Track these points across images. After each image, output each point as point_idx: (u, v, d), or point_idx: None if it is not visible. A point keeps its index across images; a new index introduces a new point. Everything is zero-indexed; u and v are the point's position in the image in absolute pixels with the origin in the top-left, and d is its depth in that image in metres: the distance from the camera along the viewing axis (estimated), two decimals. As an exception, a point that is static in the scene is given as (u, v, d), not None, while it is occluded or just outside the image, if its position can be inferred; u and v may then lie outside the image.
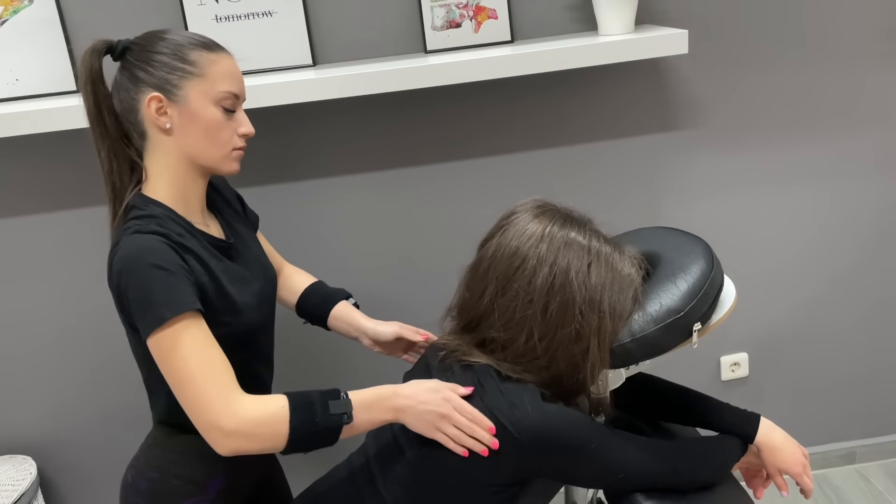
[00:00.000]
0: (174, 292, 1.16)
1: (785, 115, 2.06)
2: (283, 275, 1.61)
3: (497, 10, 1.86)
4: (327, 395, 1.18)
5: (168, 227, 1.22)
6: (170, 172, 1.27)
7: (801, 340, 2.27)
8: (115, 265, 1.19)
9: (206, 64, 1.24)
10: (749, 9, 1.96)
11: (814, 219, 2.16)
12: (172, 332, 1.15)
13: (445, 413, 1.18)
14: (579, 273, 1.20)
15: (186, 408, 1.17)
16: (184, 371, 1.15)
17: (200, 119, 1.24)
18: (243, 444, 1.15)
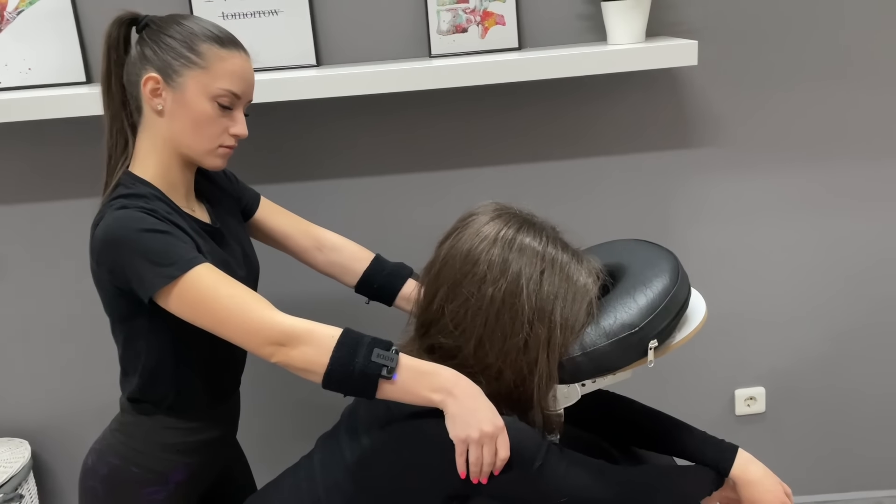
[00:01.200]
0: (177, 250, 1.17)
1: (809, 137, 1.95)
2: (328, 247, 1.56)
3: (505, 17, 1.83)
4: (377, 343, 1.14)
5: (155, 205, 1.23)
6: (156, 153, 1.28)
7: (825, 378, 2.14)
8: (100, 236, 1.19)
9: (212, 58, 1.25)
10: (771, 25, 1.87)
11: (842, 248, 2.04)
12: (191, 282, 1.15)
13: (489, 433, 1.11)
14: (531, 280, 1.14)
15: (236, 338, 1.16)
16: (221, 308, 1.15)
17: (192, 109, 1.25)
18: (295, 355, 1.13)
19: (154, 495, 1.32)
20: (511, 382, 1.17)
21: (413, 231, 1.96)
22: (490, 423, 1.11)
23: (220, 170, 1.32)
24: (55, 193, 1.92)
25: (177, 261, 1.16)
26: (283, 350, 1.14)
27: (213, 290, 1.15)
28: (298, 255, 1.57)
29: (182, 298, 1.16)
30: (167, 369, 1.30)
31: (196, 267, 1.16)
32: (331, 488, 1.20)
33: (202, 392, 1.34)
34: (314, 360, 1.13)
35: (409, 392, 1.13)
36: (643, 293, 1.18)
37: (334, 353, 1.13)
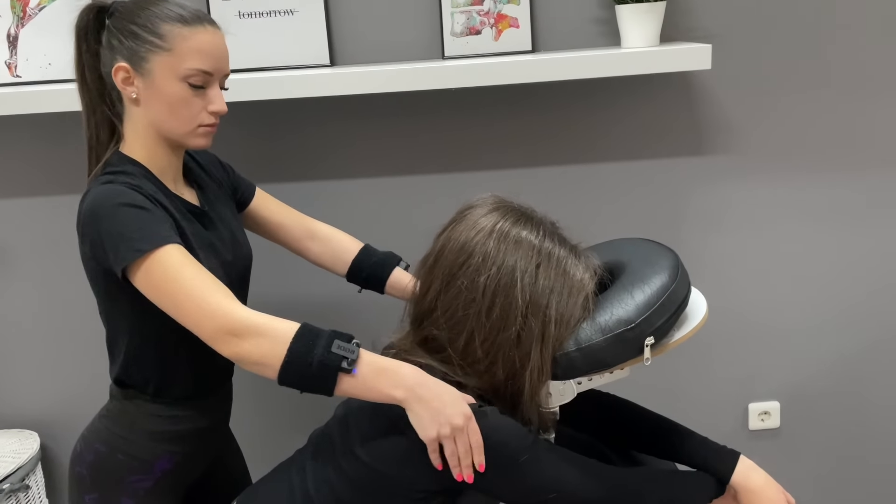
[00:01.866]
0: (151, 226, 1.17)
1: (826, 145, 1.92)
2: (320, 238, 1.59)
3: (519, 19, 1.82)
4: (337, 335, 1.11)
5: (141, 183, 1.23)
6: (141, 139, 1.29)
7: (843, 393, 2.09)
8: (84, 209, 1.20)
9: (175, 38, 1.22)
10: (787, 31, 1.85)
11: (860, 259, 2.00)
12: (158, 260, 1.14)
13: (459, 426, 1.09)
14: (526, 274, 1.13)
15: (189, 324, 1.14)
16: (179, 290, 1.13)
17: (164, 94, 1.24)
18: (247, 347, 1.10)
19: (140, 483, 1.32)
20: (503, 376, 1.15)
21: (422, 232, 1.93)
22: (459, 416, 1.09)
23: (206, 148, 1.31)
24: (71, 187, 1.94)
25: (148, 236, 1.15)
26: (236, 341, 1.11)
27: (177, 270, 1.14)
28: (291, 244, 1.58)
29: (148, 275, 1.15)
30: (150, 352, 1.30)
31: (166, 245, 1.15)
32: (320, 482, 1.19)
33: (188, 379, 1.34)
34: (270, 353, 1.10)
35: (369, 389, 1.10)
36: (641, 290, 1.17)
37: (292, 345, 1.10)
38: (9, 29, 1.82)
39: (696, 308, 1.24)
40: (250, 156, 1.91)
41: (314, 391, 1.12)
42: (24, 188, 1.94)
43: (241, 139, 1.89)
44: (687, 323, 1.20)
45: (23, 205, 1.94)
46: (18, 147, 1.91)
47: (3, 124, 1.89)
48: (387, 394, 1.10)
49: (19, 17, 1.82)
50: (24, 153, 1.91)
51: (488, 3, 1.81)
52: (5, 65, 1.84)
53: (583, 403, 1.41)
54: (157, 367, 1.31)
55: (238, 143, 1.89)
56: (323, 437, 1.26)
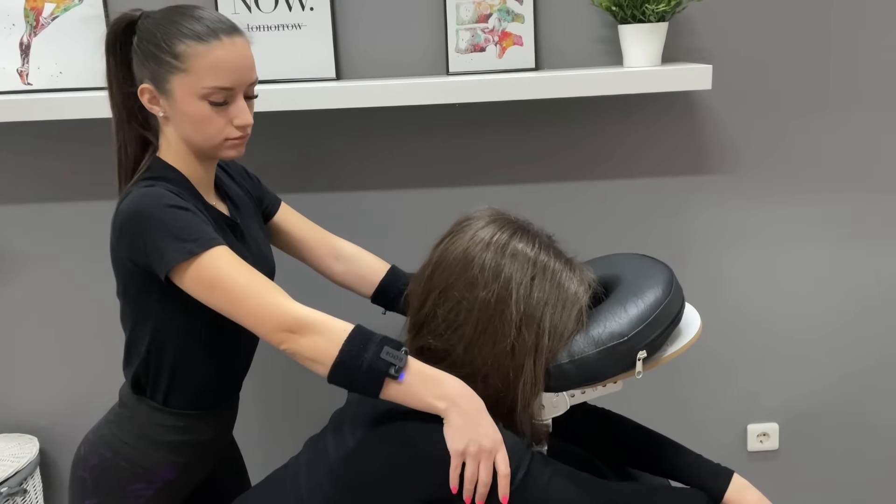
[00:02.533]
0: (200, 228, 1.19)
1: (825, 166, 1.93)
2: (345, 257, 1.58)
3: (523, 38, 1.85)
4: (388, 342, 1.14)
5: (180, 190, 1.25)
6: (174, 150, 1.31)
7: (843, 415, 2.09)
8: (124, 209, 1.20)
9: (191, 57, 1.21)
10: (789, 53, 1.87)
11: (859, 280, 2.00)
12: (210, 261, 1.16)
13: (487, 449, 1.10)
14: (521, 286, 1.14)
15: (249, 322, 1.16)
16: (237, 289, 1.16)
17: (186, 113, 1.25)
18: (304, 343, 1.13)
19: (141, 492, 1.33)
20: (497, 387, 1.16)
21: (424, 245, 1.95)
22: (489, 439, 1.10)
23: (237, 158, 1.33)
24: (78, 194, 1.96)
25: (199, 238, 1.17)
26: (293, 337, 1.14)
27: (232, 270, 1.16)
28: (315, 262, 1.57)
29: (199, 276, 1.17)
30: (167, 358, 1.30)
31: (217, 247, 1.18)
32: (313, 488, 1.20)
33: (199, 389, 1.35)
34: (324, 351, 1.13)
35: (413, 396, 1.12)
36: (634, 304, 1.17)
37: (344, 346, 1.13)
38: (21, 38, 1.85)
39: (690, 323, 1.24)
40: (255, 166, 1.92)
41: (361, 392, 1.14)
42: (31, 194, 1.96)
43: (246, 150, 1.91)
44: (680, 338, 1.21)
45: (29, 210, 1.97)
46: (28, 153, 1.94)
47: (14, 131, 1.92)
48: (429, 403, 1.12)
49: (32, 27, 1.85)
50: (33, 160, 1.94)
51: (493, 21, 1.83)
52: (17, 73, 1.87)
53: (578, 418, 1.42)
54: (171, 374, 1.32)
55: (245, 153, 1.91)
56: (317, 444, 1.26)
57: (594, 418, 1.42)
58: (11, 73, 1.86)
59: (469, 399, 1.12)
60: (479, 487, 1.10)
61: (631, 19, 1.74)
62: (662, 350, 1.20)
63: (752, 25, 1.86)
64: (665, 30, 1.74)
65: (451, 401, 1.11)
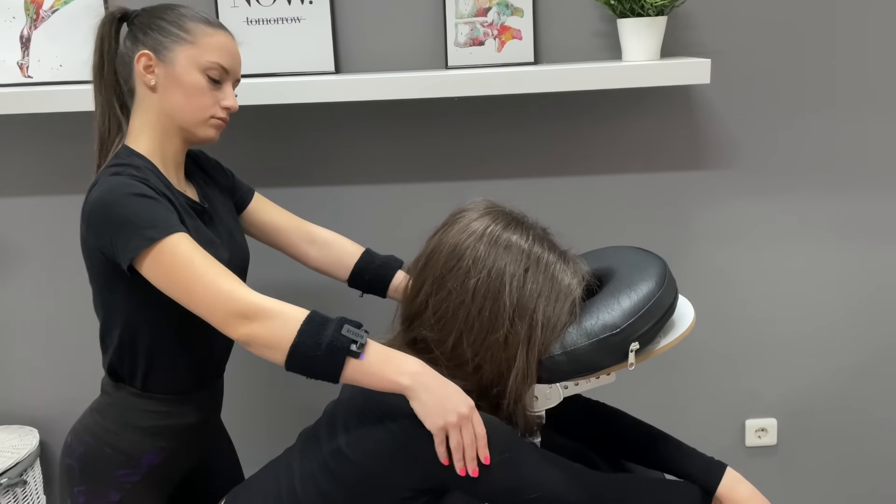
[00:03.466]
0: (160, 215, 1.19)
1: (824, 162, 1.93)
2: (320, 243, 1.59)
3: (522, 31, 1.85)
4: (347, 321, 1.14)
5: (147, 177, 1.26)
6: (150, 128, 1.33)
7: (841, 410, 2.09)
8: (91, 199, 1.22)
9: (200, 34, 1.32)
10: (789, 48, 1.87)
11: (859, 276, 2.00)
12: (168, 248, 1.17)
13: (465, 415, 1.10)
14: (514, 277, 1.14)
15: (201, 309, 1.16)
16: (191, 276, 1.16)
17: (183, 82, 1.30)
18: (258, 330, 1.12)
19: (127, 477, 1.33)
20: (489, 378, 1.16)
21: (422, 238, 1.96)
22: (464, 405, 1.11)
23: (213, 142, 1.36)
24: (77, 187, 1.97)
25: (158, 224, 1.18)
26: (247, 324, 1.13)
27: (187, 257, 1.16)
28: (290, 249, 1.59)
29: (157, 263, 1.17)
30: (142, 344, 1.31)
31: (176, 233, 1.18)
32: (306, 478, 1.20)
33: (177, 373, 1.35)
34: (280, 336, 1.12)
35: (375, 374, 1.12)
36: (627, 296, 1.18)
37: (302, 327, 1.12)
38: (22, 30, 1.86)
39: (684, 316, 1.25)
40: (254, 160, 1.94)
41: (321, 376, 1.13)
42: (31, 187, 1.97)
43: (246, 143, 1.92)
44: (673, 330, 1.21)
45: (28, 203, 1.98)
46: (28, 146, 1.94)
47: (14, 123, 1.93)
48: (393, 380, 1.11)
49: (32, 20, 1.86)
50: (33, 152, 1.95)
51: (492, 15, 1.84)
52: (17, 65, 1.87)
53: (572, 411, 1.42)
54: (147, 360, 1.32)
55: (243, 146, 1.92)
56: (311, 436, 1.27)
57: (588, 411, 1.42)
58: (12, 66, 1.87)
59: (429, 373, 1.12)
60: (468, 452, 1.10)
61: (630, 13, 1.74)
62: (655, 342, 1.20)
63: (752, 20, 1.85)
64: (664, 24, 1.74)
65: (415, 376, 1.11)
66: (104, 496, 1.33)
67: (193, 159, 1.48)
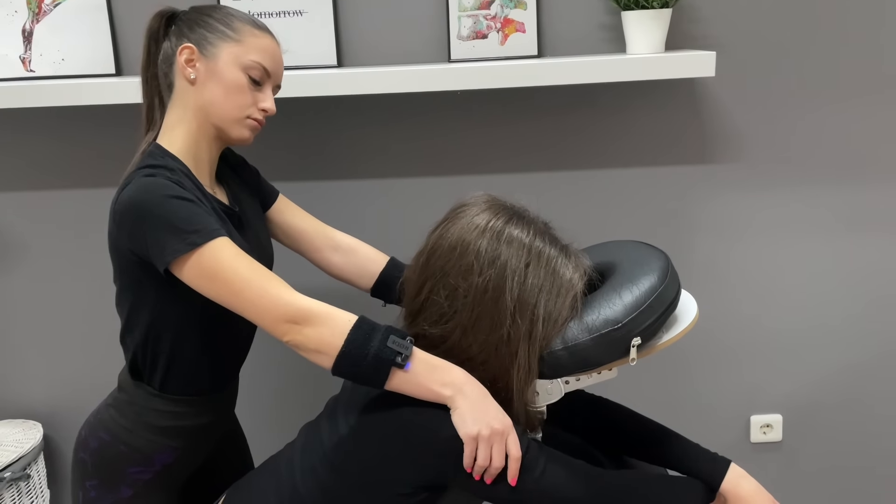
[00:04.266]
0: (201, 219, 1.18)
1: (830, 155, 1.91)
2: (344, 249, 1.56)
3: (525, 24, 1.83)
4: (393, 331, 1.14)
5: (181, 180, 1.25)
6: (185, 125, 1.32)
7: (847, 407, 2.07)
8: (125, 199, 1.20)
9: (246, 34, 1.31)
10: (795, 41, 1.85)
11: (864, 271, 1.98)
12: (212, 252, 1.16)
13: (499, 431, 1.11)
14: (516, 273, 1.13)
15: (251, 314, 1.15)
16: (238, 280, 1.15)
17: (224, 78, 1.29)
18: (307, 334, 1.13)
19: (139, 475, 1.33)
20: (492, 374, 1.16)
21: (424, 235, 1.96)
22: (500, 422, 1.11)
23: (246, 144, 1.35)
24: (80, 181, 1.97)
25: (200, 229, 1.17)
26: (297, 328, 1.14)
27: (233, 262, 1.16)
28: (312, 254, 1.56)
29: (201, 268, 1.16)
30: (163, 345, 1.31)
31: (218, 238, 1.17)
32: (307, 473, 1.20)
33: (196, 375, 1.35)
34: (328, 342, 1.13)
35: (419, 385, 1.12)
36: (629, 290, 1.16)
37: (350, 336, 1.13)
38: (24, 24, 1.86)
39: (686, 311, 1.23)
40: (256, 153, 1.92)
41: (366, 383, 1.14)
42: (35, 181, 1.97)
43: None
44: (676, 325, 1.20)
45: (32, 197, 1.98)
46: (31, 140, 1.94)
47: (16, 117, 1.93)
48: (436, 391, 1.12)
49: (34, 14, 1.86)
50: (36, 146, 1.95)
51: (495, 8, 1.82)
52: (20, 59, 1.87)
53: (575, 406, 1.42)
54: (168, 360, 1.32)
55: (245, 141, 1.91)
56: (312, 430, 1.26)
57: (591, 407, 1.41)
58: (14, 60, 1.87)
59: (473, 385, 1.13)
60: (492, 469, 1.11)
61: (634, 6, 1.72)
62: (657, 337, 1.19)
63: (757, 12, 1.84)
64: (668, 16, 1.73)
65: (457, 388, 1.12)
66: (116, 492, 1.33)
67: (223, 159, 1.46)
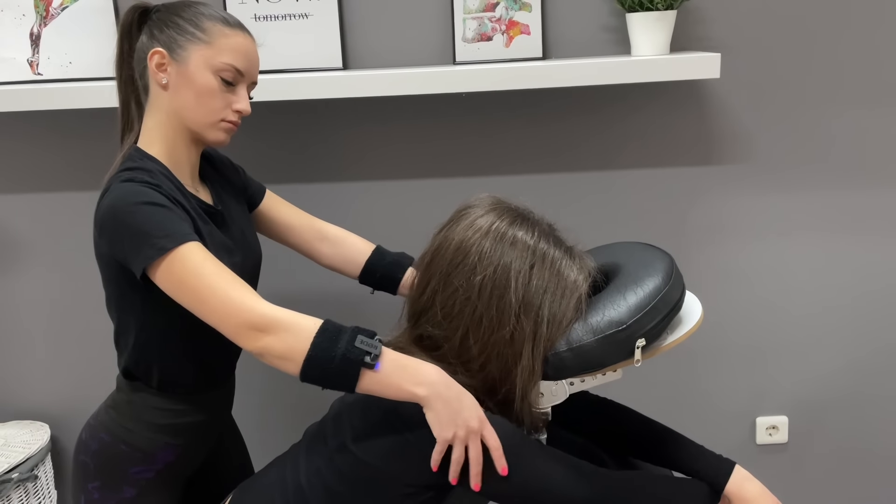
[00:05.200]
0: (173, 225, 1.18)
1: (836, 158, 1.91)
2: (331, 240, 1.58)
3: (530, 27, 1.84)
4: (361, 331, 1.13)
5: (160, 181, 1.25)
6: (161, 130, 1.31)
7: (853, 408, 2.07)
8: (104, 206, 1.21)
9: (216, 34, 1.29)
10: (799, 43, 1.85)
11: (870, 273, 1.98)
12: (180, 258, 1.15)
13: (475, 429, 1.10)
14: (520, 274, 1.14)
15: (214, 320, 1.15)
16: (203, 286, 1.14)
17: (195, 82, 1.28)
18: (271, 342, 1.11)
19: (141, 474, 1.34)
20: (496, 376, 1.16)
21: (428, 236, 1.96)
22: (475, 419, 1.10)
23: (223, 146, 1.34)
24: (86, 183, 1.98)
25: (171, 234, 1.17)
26: (260, 336, 1.12)
27: (199, 267, 1.15)
28: (301, 247, 1.58)
29: (170, 272, 1.16)
30: (156, 346, 1.31)
31: (188, 243, 1.17)
32: (311, 474, 1.20)
33: (192, 374, 1.36)
34: (294, 347, 1.11)
35: (391, 385, 1.11)
36: (634, 292, 1.17)
37: (315, 339, 1.11)
38: (32, 28, 1.87)
39: (691, 312, 1.24)
40: (261, 156, 1.94)
41: (336, 387, 1.12)
42: (41, 183, 1.98)
43: (253, 139, 1.92)
44: (681, 327, 1.20)
45: (38, 199, 1.99)
46: (38, 143, 1.95)
47: (24, 120, 1.94)
48: (408, 391, 1.10)
49: (42, 17, 1.87)
50: (43, 149, 1.96)
51: (500, 10, 1.83)
52: (27, 63, 1.88)
53: (579, 408, 1.42)
54: (162, 361, 1.33)
55: (250, 143, 1.92)
56: (317, 432, 1.27)
57: (596, 408, 1.42)
58: (22, 63, 1.88)
59: (448, 383, 1.11)
60: (473, 467, 1.10)
61: (639, 7, 1.72)
62: (662, 338, 1.19)
63: (762, 14, 1.84)
64: (673, 18, 1.73)
65: (431, 386, 1.10)
66: (119, 492, 1.34)
67: (206, 158, 1.47)
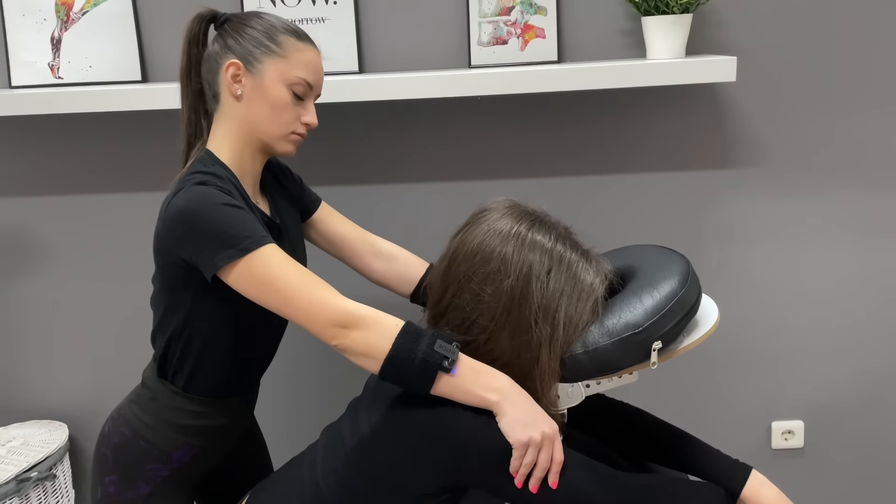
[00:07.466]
0: (254, 226, 1.21)
1: (856, 161, 1.90)
2: (385, 256, 1.58)
3: (546, 30, 1.84)
4: (440, 335, 1.16)
5: (229, 188, 1.27)
6: (231, 138, 1.34)
7: (869, 413, 2.05)
8: (178, 205, 1.22)
9: (290, 48, 1.31)
10: (816, 47, 1.84)
11: (887, 277, 1.97)
12: (262, 259, 1.18)
13: (550, 436, 1.12)
14: (538, 278, 1.14)
15: (300, 318, 1.18)
16: (288, 286, 1.17)
17: (269, 95, 1.30)
18: (355, 338, 1.15)
19: (157, 471, 1.35)
20: (514, 378, 1.16)
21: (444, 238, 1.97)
22: (549, 426, 1.12)
23: (290, 156, 1.37)
24: (107, 185, 2.00)
25: (251, 235, 1.19)
26: (345, 332, 1.16)
27: (283, 268, 1.18)
28: (354, 261, 1.58)
29: (250, 274, 1.18)
30: (193, 346, 1.33)
31: (268, 245, 1.20)
32: (328, 473, 1.21)
33: (220, 378, 1.37)
34: (376, 346, 1.15)
35: (465, 389, 1.14)
36: (650, 294, 1.17)
37: (397, 340, 1.14)
38: (53, 32, 1.89)
39: (707, 315, 1.24)
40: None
41: (412, 387, 1.15)
42: (63, 185, 2.00)
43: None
44: (697, 329, 1.20)
45: (60, 202, 2.01)
46: (60, 146, 1.98)
47: (45, 123, 1.96)
48: (481, 396, 1.13)
49: (63, 22, 1.89)
50: (64, 152, 1.98)
51: (515, 14, 1.83)
52: (48, 66, 1.91)
53: (595, 410, 1.42)
54: (195, 362, 1.34)
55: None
56: (334, 431, 1.28)
57: (612, 411, 1.42)
58: (43, 67, 1.91)
59: (518, 391, 1.14)
60: (537, 472, 1.11)
61: (654, 11, 1.73)
62: (678, 341, 1.19)
63: (778, 17, 1.83)
64: (689, 21, 1.73)
65: (503, 393, 1.13)
66: (134, 487, 1.35)
67: (267, 166, 1.48)
